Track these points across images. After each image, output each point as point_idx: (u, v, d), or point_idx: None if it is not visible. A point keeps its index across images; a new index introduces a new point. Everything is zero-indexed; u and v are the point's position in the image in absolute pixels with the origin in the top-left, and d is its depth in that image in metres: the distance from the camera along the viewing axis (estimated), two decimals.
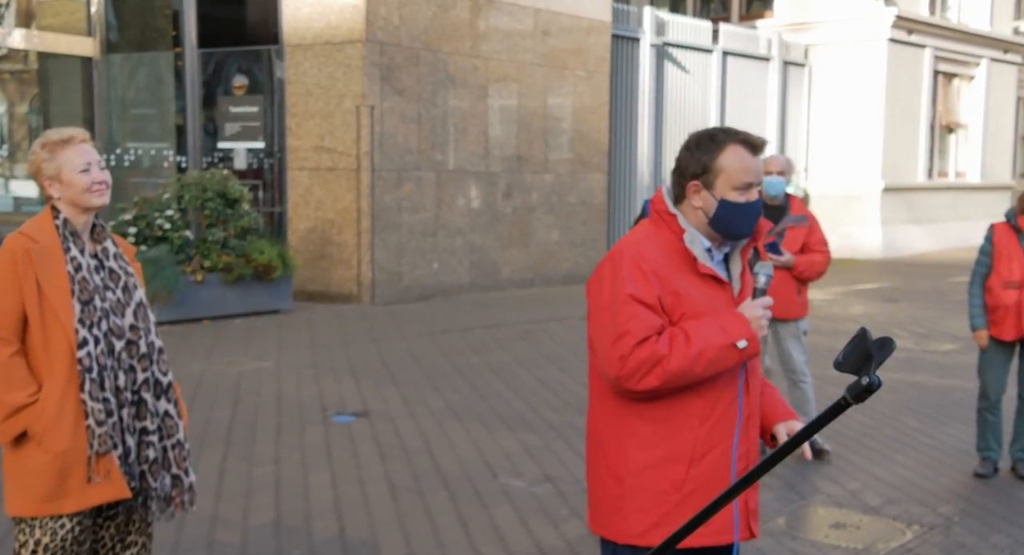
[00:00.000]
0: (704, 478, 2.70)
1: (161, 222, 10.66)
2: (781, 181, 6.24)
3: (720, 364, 2.66)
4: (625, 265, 2.70)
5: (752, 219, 2.75)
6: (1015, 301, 5.91)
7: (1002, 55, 23.92)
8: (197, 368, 8.45)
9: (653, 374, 2.64)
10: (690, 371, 2.64)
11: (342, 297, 12.37)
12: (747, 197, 2.72)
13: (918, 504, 5.55)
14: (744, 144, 2.72)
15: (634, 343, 2.64)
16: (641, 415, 2.73)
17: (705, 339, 2.63)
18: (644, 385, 2.65)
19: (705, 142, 2.75)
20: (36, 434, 3.07)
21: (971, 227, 21.07)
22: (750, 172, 2.72)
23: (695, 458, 2.70)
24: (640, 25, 16.78)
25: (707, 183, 2.73)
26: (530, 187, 14.35)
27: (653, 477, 2.72)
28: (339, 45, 12.21)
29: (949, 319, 11.75)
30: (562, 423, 7.01)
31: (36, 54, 13.11)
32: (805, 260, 6.22)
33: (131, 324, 3.21)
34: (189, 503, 3.32)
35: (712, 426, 2.71)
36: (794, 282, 6.25)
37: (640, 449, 2.73)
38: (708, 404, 2.71)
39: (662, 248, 2.74)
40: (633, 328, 2.65)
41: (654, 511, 2.72)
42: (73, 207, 3.18)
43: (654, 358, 2.63)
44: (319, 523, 5.09)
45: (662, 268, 2.70)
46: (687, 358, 2.62)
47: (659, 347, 2.64)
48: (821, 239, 6.33)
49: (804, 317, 6.44)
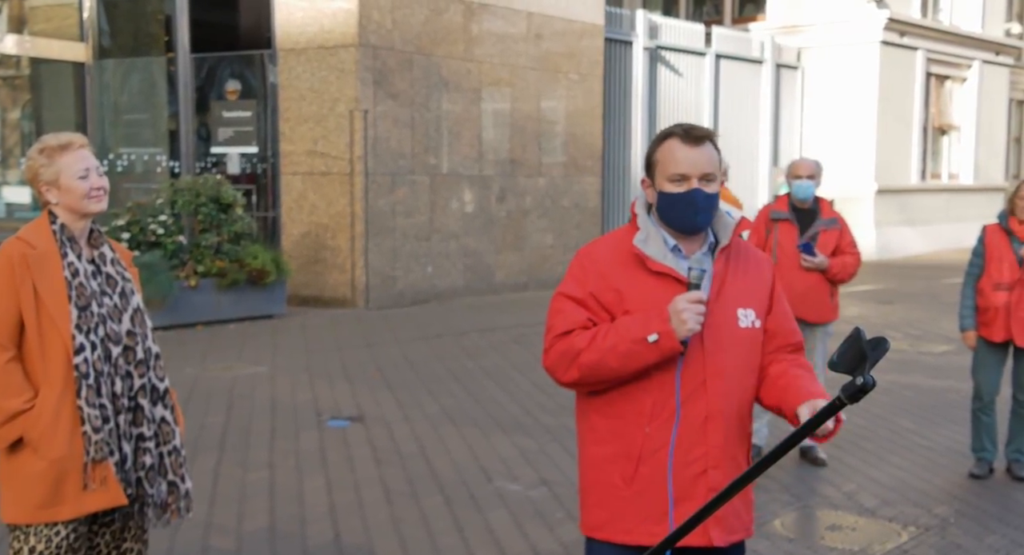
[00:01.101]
0: (651, 477, 2.70)
1: (154, 227, 10.65)
2: (811, 185, 6.28)
3: (637, 359, 2.64)
4: (572, 266, 2.84)
5: (691, 209, 2.70)
6: (1005, 303, 5.92)
7: (994, 57, 23.99)
8: (191, 373, 8.43)
9: (574, 366, 2.70)
10: (604, 364, 2.66)
11: (336, 301, 12.36)
12: (683, 188, 2.70)
13: (914, 505, 5.56)
14: (681, 137, 2.73)
15: (554, 336, 2.75)
16: (598, 410, 2.78)
17: (620, 333, 2.65)
18: (568, 377, 2.73)
19: (654, 140, 2.82)
20: (32, 440, 3.06)
21: (964, 228, 21.15)
22: (680, 163, 2.70)
23: (644, 456, 2.70)
24: (633, 28, 16.81)
25: (652, 178, 2.78)
26: (524, 190, 14.36)
27: (607, 472, 2.75)
28: (332, 49, 12.20)
29: (943, 320, 11.77)
30: (557, 426, 7.00)
31: (28, 59, 13.09)
32: (838, 262, 6.26)
33: (128, 330, 3.20)
34: (185, 510, 3.31)
35: (661, 425, 2.69)
36: (827, 285, 6.30)
37: (596, 444, 2.78)
38: (657, 403, 2.69)
39: (616, 247, 2.79)
40: (556, 323, 2.77)
41: (608, 505, 2.76)
42: (71, 212, 3.17)
43: (572, 351, 2.70)
44: (314, 528, 5.08)
45: (607, 266, 2.76)
46: (600, 351, 2.66)
47: (578, 340, 2.70)
48: (852, 241, 6.39)
49: (834, 321, 6.46)
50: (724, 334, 2.71)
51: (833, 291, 6.37)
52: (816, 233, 6.28)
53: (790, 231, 6.30)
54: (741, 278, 2.79)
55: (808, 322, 6.29)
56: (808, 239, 6.24)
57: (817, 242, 6.26)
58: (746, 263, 2.83)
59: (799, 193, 6.28)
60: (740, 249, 2.83)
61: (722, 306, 2.71)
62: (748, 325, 2.76)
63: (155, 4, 13.49)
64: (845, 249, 6.33)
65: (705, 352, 2.69)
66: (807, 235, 6.25)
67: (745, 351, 2.76)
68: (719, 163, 2.78)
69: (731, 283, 2.76)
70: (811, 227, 6.28)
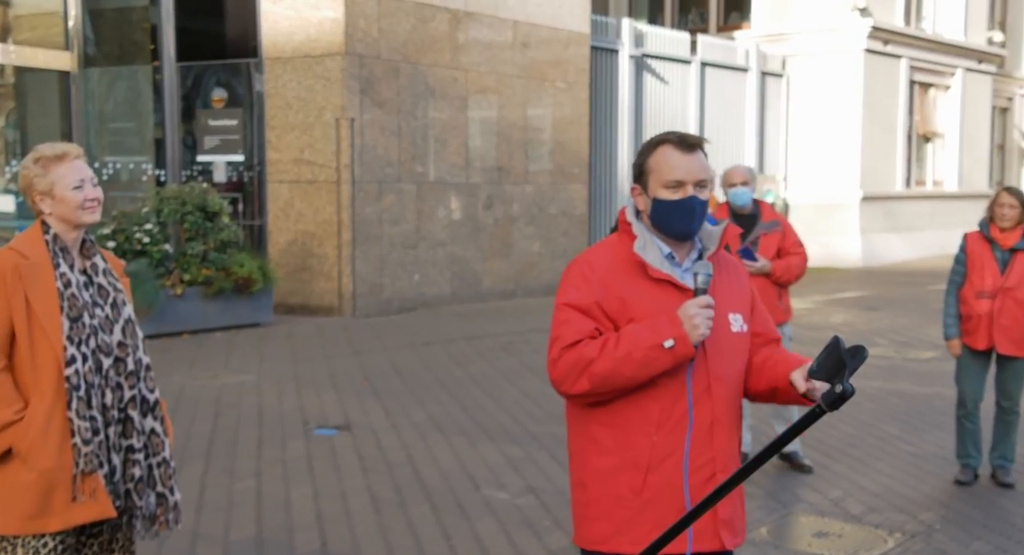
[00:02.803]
0: (661, 486, 2.69)
1: (140, 236, 10.62)
2: (746, 191, 6.29)
3: (652, 366, 2.63)
4: (571, 276, 2.79)
5: (688, 216, 2.72)
6: (987, 311, 5.95)
7: (977, 65, 24.15)
8: (177, 382, 8.41)
9: (584, 376, 2.66)
10: (618, 373, 2.63)
11: (323, 310, 12.34)
12: (680, 194, 2.71)
13: (899, 512, 5.58)
14: (675, 144, 2.75)
15: (562, 347, 2.70)
16: (600, 421, 2.74)
17: (633, 341, 2.63)
18: (577, 389, 2.68)
19: (644, 147, 2.83)
20: (21, 452, 3.05)
21: (949, 235, 21.19)
22: (676, 170, 2.72)
23: (652, 465, 2.69)
24: (619, 37, 16.87)
25: (644, 185, 2.78)
26: (511, 198, 14.38)
27: (613, 483, 2.72)
28: (318, 58, 12.21)
29: (929, 327, 11.83)
30: (544, 434, 7.01)
31: (13, 68, 13.04)
32: (782, 265, 6.26)
33: (119, 341, 3.20)
34: (174, 522, 3.30)
35: (668, 433, 2.69)
36: (774, 287, 6.29)
37: (599, 455, 2.74)
38: (664, 410, 2.69)
39: (614, 256, 2.78)
40: (563, 333, 2.71)
41: (615, 517, 2.72)
42: (64, 223, 3.17)
43: (583, 361, 2.65)
44: (301, 537, 5.08)
45: (609, 275, 2.73)
46: (613, 359, 2.63)
47: (588, 350, 2.66)
48: (796, 241, 6.39)
49: (788, 322, 6.47)
50: (722, 339, 2.74)
51: (782, 293, 6.36)
52: (757, 237, 6.28)
53: (734, 236, 6.29)
54: (727, 284, 2.83)
55: None
56: (748, 244, 6.23)
57: (759, 247, 6.27)
58: (727, 269, 2.87)
59: (736, 200, 6.28)
60: (720, 255, 2.87)
61: (717, 312, 2.74)
62: (739, 329, 2.80)
63: (141, 13, 13.46)
64: (789, 249, 6.32)
65: (708, 357, 2.72)
66: (748, 240, 6.24)
67: (738, 355, 2.80)
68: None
69: (721, 289, 2.80)
70: (752, 231, 6.28)
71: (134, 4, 13.53)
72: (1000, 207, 5.94)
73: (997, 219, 5.96)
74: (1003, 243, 5.95)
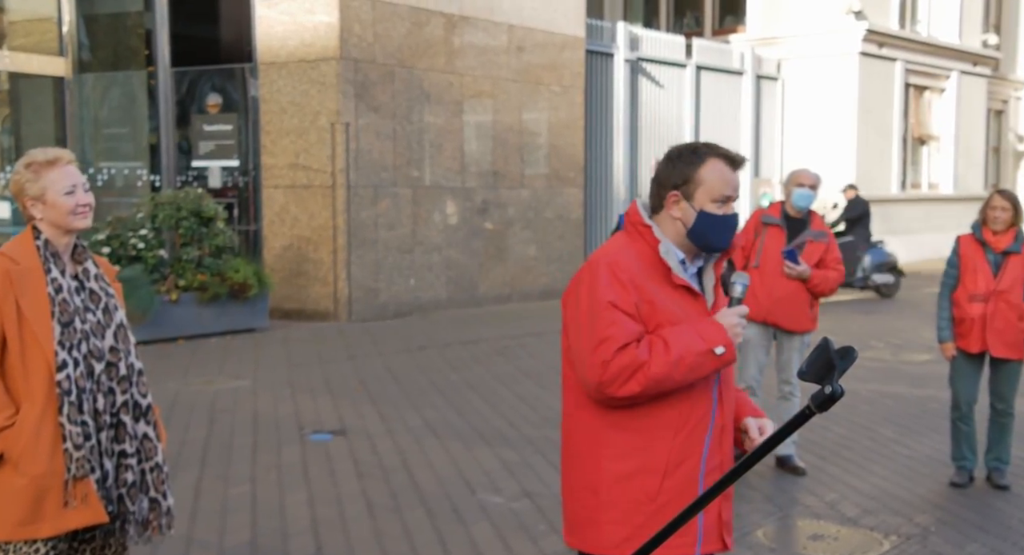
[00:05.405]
0: (678, 489, 2.71)
1: (135, 242, 10.62)
2: (811, 194, 6.32)
3: (698, 371, 2.68)
4: (602, 274, 2.72)
5: (729, 232, 2.78)
6: (980, 314, 5.95)
7: (971, 68, 24.19)
8: (172, 388, 8.40)
9: (634, 380, 2.64)
10: (670, 377, 2.65)
11: (318, 315, 12.33)
12: (725, 210, 2.75)
13: (895, 514, 5.58)
14: (725, 159, 2.77)
15: (615, 348, 2.65)
16: (615, 425, 2.73)
17: (684, 345, 2.65)
18: (626, 391, 2.66)
19: (687, 154, 2.78)
20: (12, 457, 3.04)
21: (945, 238, 21.16)
22: (729, 185, 2.75)
23: (669, 469, 2.71)
24: (614, 40, 16.88)
25: (687, 194, 2.76)
26: (506, 202, 14.38)
27: (627, 488, 2.72)
28: (313, 62, 12.21)
29: (924, 330, 11.83)
30: (540, 438, 7.01)
31: (7, 74, 13.03)
32: (820, 275, 6.28)
33: (111, 346, 3.20)
34: (167, 527, 3.30)
35: (686, 437, 2.72)
36: (807, 295, 6.32)
37: (614, 460, 2.74)
38: (682, 415, 2.72)
39: (637, 258, 2.76)
40: (614, 334, 2.66)
41: (628, 522, 2.72)
42: (55, 228, 3.17)
43: (635, 364, 2.64)
44: (296, 542, 5.07)
45: (637, 277, 2.72)
46: (667, 364, 2.63)
47: (640, 353, 2.64)
48: (837, 258, 6.41)
49: (812, 331, 6.48)
50: None
51: (813, 302, 6.40)
52: (803, 242, 6.31)
53: (778, 237, 6.33)
54: (719, 294, 2.90)
55: (783, 329, 6.34)
56: (794, 246, 6.28)
57: (803, 252, 6.29)
58: None
59: (799, 201, 6.31)
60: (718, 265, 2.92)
61: None
62: None
63: (135, 18, 13.47)
64: (830, 263, 6.36)
65: None
66: (794, 243, 6.29)
67: None
68: None
69: (721, 298, 2.87)
70: (799, 236, 6.32)
71: (129, 9, 13.54)
72: (992, 210, 5.93)
73: (990, 222, 5.95)
74: (996, 246, 5.94)
